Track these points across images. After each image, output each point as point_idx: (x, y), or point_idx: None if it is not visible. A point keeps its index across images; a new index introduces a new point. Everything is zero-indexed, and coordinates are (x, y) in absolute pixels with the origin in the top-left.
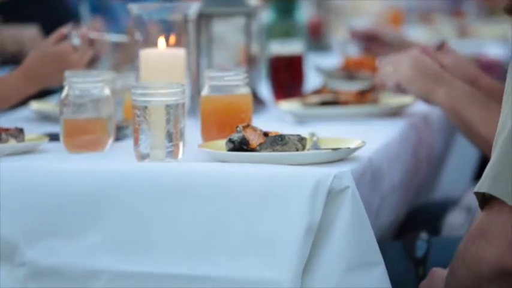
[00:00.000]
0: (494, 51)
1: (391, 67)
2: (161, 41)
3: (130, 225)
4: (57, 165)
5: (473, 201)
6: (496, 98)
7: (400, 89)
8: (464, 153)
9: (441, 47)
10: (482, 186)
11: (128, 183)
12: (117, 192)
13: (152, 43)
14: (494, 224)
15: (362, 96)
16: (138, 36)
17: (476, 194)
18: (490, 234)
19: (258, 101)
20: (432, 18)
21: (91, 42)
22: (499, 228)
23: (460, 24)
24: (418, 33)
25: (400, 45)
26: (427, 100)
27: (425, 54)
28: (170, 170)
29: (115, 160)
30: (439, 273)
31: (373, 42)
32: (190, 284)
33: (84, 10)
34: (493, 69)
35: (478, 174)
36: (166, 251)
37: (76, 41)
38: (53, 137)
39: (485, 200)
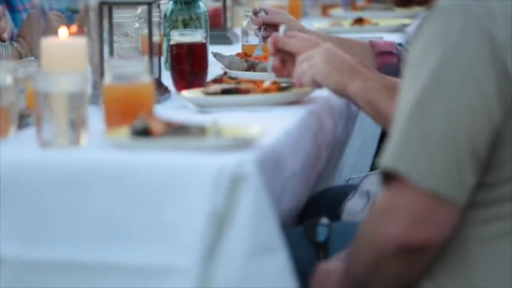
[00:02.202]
0: (390, 38)
1: (306, 64)
2: (62, 30)
3: (33, 213)
4: None
5: (371, 186)
6: None
7: (317, 84)
8: (365, 140)
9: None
10: (385, 161)
11: (31, 171)
12: (20, 180)
13: (53, 32)
14: (397, 200)
15: (280, 89)
16: (40, 24)
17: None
18: (393, 210)
19: (162, 90)
20: (330, 11)
21: None
22: (402, 205)
23: (357, 16)
24: (317, 25)
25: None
26: (343, 94)
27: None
28: (73, 158)
29: (18, 148)
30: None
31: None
32: (94, 272)
33: None
34: (388, 53)
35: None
36: (69, 238)
37: None
38: None
39: (388, 177)
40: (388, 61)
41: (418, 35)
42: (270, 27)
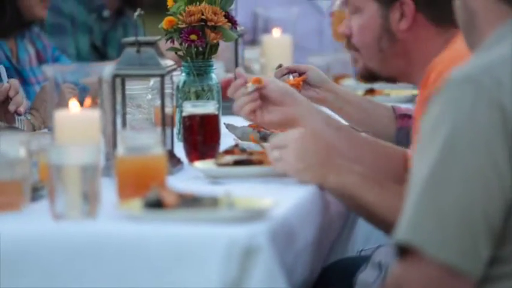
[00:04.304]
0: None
1: (277, 153)
2: (76, 102)
3: (46, 285)
4: None
5: (383, 257)
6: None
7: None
8: None
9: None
10: (399, 234)
11: (44, 243)
12: (33, 252)
13: (67, 104)
14: (411, 273)
15: None
16: (53, 97)
17: (394, 244)
18: (407, 284)
19: (175, 161)
20: (341, 81)
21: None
22: (417, 278)
23: (369, 87)
24: None
25: (324, 88)
26: (322, 189)
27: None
28: (85, 230)
29: (31, 221)
30: None
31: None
32: None
33: (2, 71)
34: (409, 116)
35: None
36: None
37: None
38: None
39: (402, 250)
40: (408, 124)
41: (430, 107)
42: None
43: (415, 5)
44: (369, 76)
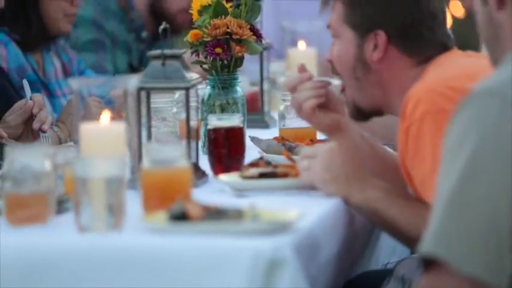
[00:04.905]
0: None
1: (306, 162)
2: (101, 115)
3: None
4: None
5: (406, 270)
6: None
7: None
8: None
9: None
10: (425, 247)
11: (69, 255)
12: (58, 264)
13: (92, 117)
14: (437, 286)
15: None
16: (79, 110)
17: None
18: None
19: (200, 174)
20: None
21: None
22: None
23: None
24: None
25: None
26: (347, 204)
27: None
28: (110, 242)
29: (56, 233)
30: None
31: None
32: None
33: (25, 86)
34: None
35: None
36: None
37: None
38: None
39: (428, 262)
40: None
41: (451, 124)
42: None
43: (387, 37)
44: (357, 113)
